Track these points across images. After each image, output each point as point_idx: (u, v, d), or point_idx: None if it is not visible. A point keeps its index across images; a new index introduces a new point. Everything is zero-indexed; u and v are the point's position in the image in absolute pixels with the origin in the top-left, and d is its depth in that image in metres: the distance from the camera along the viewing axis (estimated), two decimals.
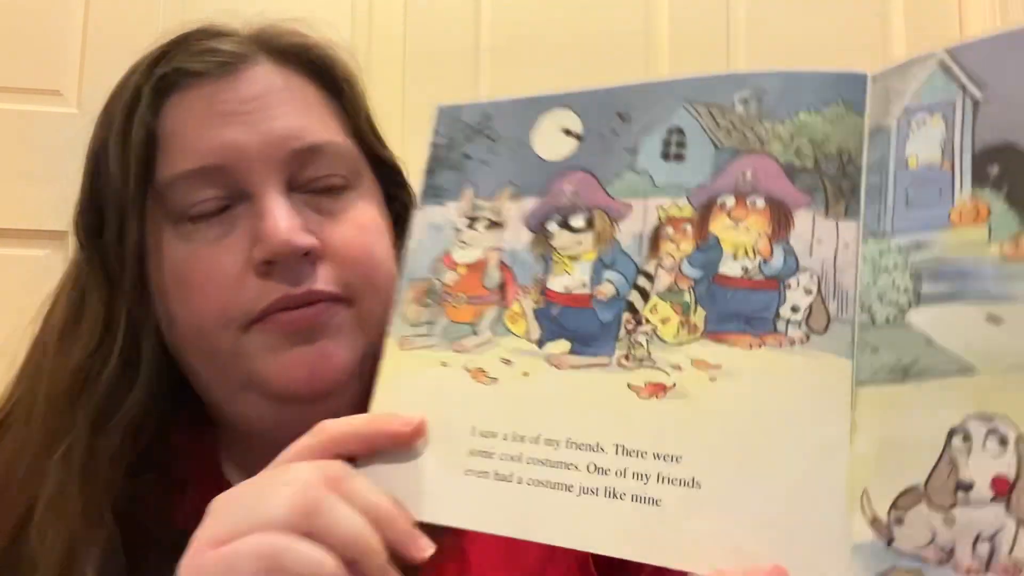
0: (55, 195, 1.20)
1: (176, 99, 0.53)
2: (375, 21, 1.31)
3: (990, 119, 0.34)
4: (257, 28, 0.57)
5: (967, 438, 0.32)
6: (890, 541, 0.32)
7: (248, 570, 0.35)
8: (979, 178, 0.34)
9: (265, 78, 0.54)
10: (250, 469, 0.45)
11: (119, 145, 0.53)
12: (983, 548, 0.31)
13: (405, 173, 0.61)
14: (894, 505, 0.32)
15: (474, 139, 0.45)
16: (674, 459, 0.36)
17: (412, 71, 1.30)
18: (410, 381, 0.42)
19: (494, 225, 0.43)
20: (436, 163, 0.46)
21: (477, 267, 0.43)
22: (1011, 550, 0.30)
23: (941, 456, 0.32)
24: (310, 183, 0.53)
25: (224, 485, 0.45)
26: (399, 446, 0.40)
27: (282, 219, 0.50)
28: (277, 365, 0.50)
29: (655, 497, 0.35)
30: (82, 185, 0.57)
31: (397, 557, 0.37)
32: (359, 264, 0.52)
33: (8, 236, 1.18)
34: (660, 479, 0.36)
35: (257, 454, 0.47)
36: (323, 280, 0.51)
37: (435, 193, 0.45)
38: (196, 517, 0.40)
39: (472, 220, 0.44)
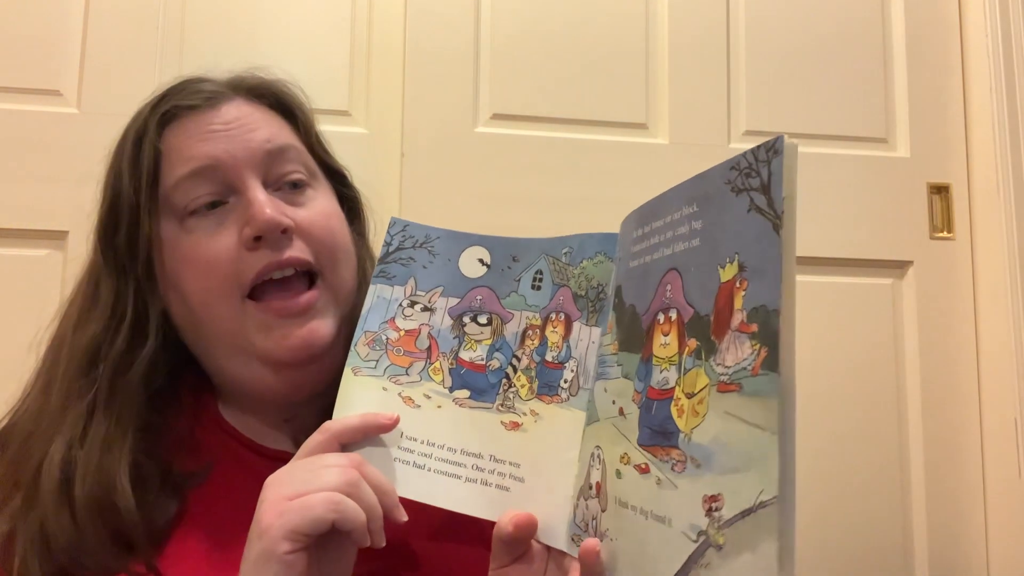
0: (55, 195, 1.23)
1: (174, 126, 0.69)
2: (375, 22, 1.31)
3: (619, 270, 0.55)
4: (230, 76, 0.75)
5: (594, 458, 0.52)
6: (574, 517, 0.54)
7: (321, 508, 0.52)
8: (614, 306, 0.54)
9: (239, 108, 0.71)
10: (243, 418, 0.71)
11: (131, 165, 0.68)
12: (593, 523, 0.51)
13: (350, 178, 0.80)
14: (576, 497, 0.54)
15: (418, 249, 0.67)
16: (517, 465, 0.59)
17: (412, 71, 1.30)
18: (361, 397, 0.62)
19: (427, 309, 0.65)
20: (388, 257, 0.67)
21: (412, 333, 0.65)
22: (600, 525, 0.50)
23: (588, 469, 0.53)
24: (280, 179, 0.70)
25: (227, 427, 0.70)
26: (382, 434, 0.60)
27: (266, 204, 0.66)
28: (273, 340, 0.66)
29: (506, 486, 0.59)
30: (101, 201, 0.71)
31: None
32: (324, 239, 0.69)
33: (8, 236, 1.18)
34: (509, 476, 0.59)
35: (248, 406, 0.71)
36: (299, 249, 0.67)
37: (386, 276, 0.66)
38: (196, 455, 0.66)
39: (413, 302, 0.66)
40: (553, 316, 0.61)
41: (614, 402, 0.51)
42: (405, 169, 1.27)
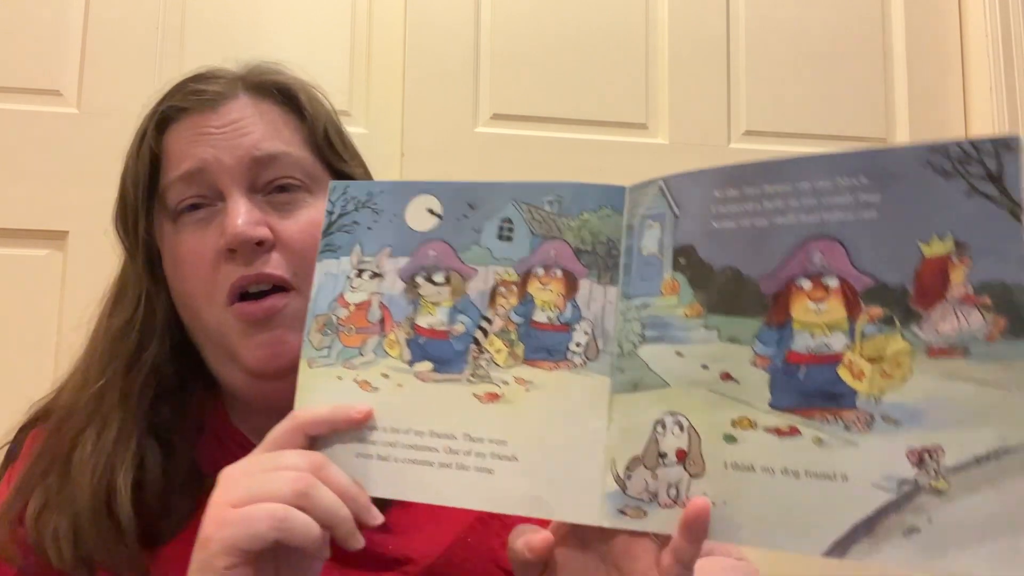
0: (55, 195, 1.22)
1: (173, 127, 0.69)
2: (375, 22, 1.31)
3: (682, 228, 0.52)
4: (239, 71, 0.72)
5: (664, 426, 0.51)
6: (624, 489, 0.51)
7: (263, 524, 0.48)
8: (675, 265, 0.52)
9: (240, 109, 0.69)
10: (249, 420, 0.69)
11: (133, 164, 0.70)
12: (672, 491, 0.50)
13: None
14: (627, 467, 0.51)
15: (361, 210, 0.59)
16: (502, 443, 0.52)
17: (412, 71, 1.30)
18: (318, 390, 0.56)
19: (376, 276, 0.57)
20: (331, 227, 0.59)
21: (363, 306, 0.57)
22: (687, 492, 0.49)
23: (650, 437, 0.51)
24: (268, 184, 0.67)
25: (232, 431, 0.70)
26: (353, 428, 0.54)
27: (240, 215, 0.64)
28: (246, 348, 0.65)
29: (489, 468, 0.52)
30: (117, 196, 0.72)
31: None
32: (305, 254, 0.64)
33: (8, 236, 1.18)
34: (493, 456, 0.52)
35: (252, 410, 0.69)
36: (274, 265, 0.65)
37: (331, 249, 0.59)
38: (211, 456, 0.63)
39: (360, 271, 0.58)
40: (541, 272, 0.54)
41: (706, 367, 0.50)
42: (405, 169, 1.27)
